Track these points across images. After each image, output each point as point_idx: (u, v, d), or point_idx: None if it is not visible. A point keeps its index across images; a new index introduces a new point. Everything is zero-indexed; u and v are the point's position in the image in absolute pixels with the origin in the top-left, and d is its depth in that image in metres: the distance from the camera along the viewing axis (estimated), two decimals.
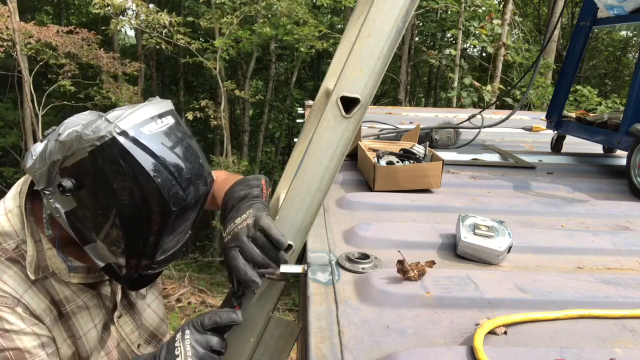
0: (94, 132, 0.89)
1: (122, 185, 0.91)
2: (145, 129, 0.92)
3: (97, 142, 0.88)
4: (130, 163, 0.90)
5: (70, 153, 0.90)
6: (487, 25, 8.62)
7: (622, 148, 2.06)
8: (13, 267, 1.03)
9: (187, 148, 0.98)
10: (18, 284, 1.02)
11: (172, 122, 0.98)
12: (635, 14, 2.10)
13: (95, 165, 0.90)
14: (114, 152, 0.89)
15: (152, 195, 0.92)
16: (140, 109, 0.94)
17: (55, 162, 0.92)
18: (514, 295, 1.01)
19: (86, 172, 0.91)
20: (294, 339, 1.19)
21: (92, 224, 0.96)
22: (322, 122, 1.08)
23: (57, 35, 9.12)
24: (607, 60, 16.52)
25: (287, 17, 9.57)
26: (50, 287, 1.07)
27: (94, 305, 1.16)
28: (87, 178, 0.91)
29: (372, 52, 1.04)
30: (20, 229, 1.05)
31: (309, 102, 4.22)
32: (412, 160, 1.92)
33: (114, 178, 0.90)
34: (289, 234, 1.15)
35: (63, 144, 0.91)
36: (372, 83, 1.06)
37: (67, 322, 1.11)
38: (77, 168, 0.91)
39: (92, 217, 0.95)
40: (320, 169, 1.10)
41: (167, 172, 0.92)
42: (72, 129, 0.92)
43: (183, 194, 0.95)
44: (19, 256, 1.04)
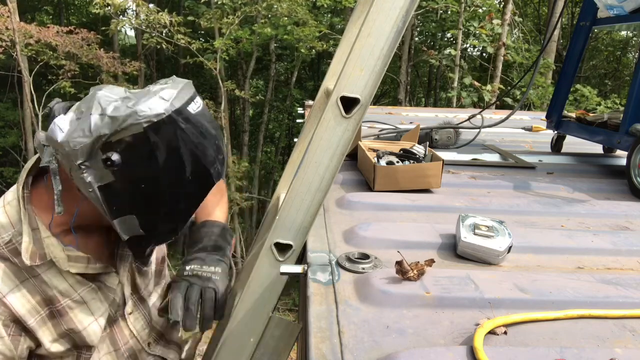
0: (150, 109, 0.92)
1: (172, 161, 0.95)
2: (191, 108, 0.97)
3: (155, 118, 0.92)
4: (184, 140, 0.95)
5: (121, 128, 0.91)
6: (487, 25, 8.62)
7: (622, 148, 2.06)
8: (1, 264, 1.00)
9: (216, 127, 1.05)
10: (4, 282, 1.00)
11: (202, 104, 1.03)
12: (635, 14, 2.10)
13: (149, 140, 0.93)
14: (170, 129, 0.93)
15: (199, 170, 0.99)
16: (182, 89, 0.98)
17: (102, 136, 0.92)
18: (514, 295, 1.01)
19: (137, 147, 0.93)
20: (294, 339, 1.19)
21: (129, 197, 0.98)
22: (322, 122, 1.08)
23: (57, 35, 9.12)
24: (607, 60, 16.52)
25: (287, 17, 9.57)
26: (42, 284, 1.04)
27: (92, 299, 1.12)
28: (137, 153, 0.94)
29: (372, 52, 1.04)
30: (17, 220, 1.03)
31: (309, 102, 4.22)
32: (412, 160, 1.92)
33: (166, 153, 0.94)
34: (289, 234, 1.15)
35: (114, 120, 0.91)
36: (372, 83, 1.06)
37: (64, 318, 1.07)
38: (127, 143, 0.93)
39: (131, 190, 0.97)
40: (320, 169, 1.10)
41: (211, 149, 1.00)
42: (116, 104, 0.93)
43: (220, 169, 1.04)
44: (10, 252, 1.01)
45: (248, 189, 12.61)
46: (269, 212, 1.48)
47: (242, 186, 11.02)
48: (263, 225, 1.56)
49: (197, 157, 0.97)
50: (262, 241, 1.22)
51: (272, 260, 1.16)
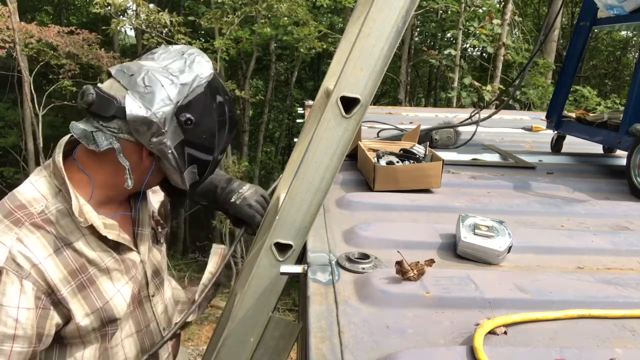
0: (204, 72, 1.11)
1: (221, 110, 1.15)
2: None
3: (209, 78, 1.11)
4: (225, 91, 1.17)
5: (191, 91, 1.08)
6: (487, 25, 8.62)
7: (622, 148, 2.06)
8: (36, 232, 1.03)
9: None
10: (39, 249, 1.02)
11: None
12: (635, 14, 2.10)
13: (207, 98, 1.11)
14: (218, 85, 1.14)
15: (233, 115, 1.21)
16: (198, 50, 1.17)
17: (177, 102, 1.06)
18: (514, 295, 1.01)
19: (202, 104, 1.10)
20: (294, 339, 1.20)
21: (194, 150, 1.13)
22: (322, 122, 1.08)
23: (58, 35, 9.12)
24: (607, 60, 16.51)
25: (287, 17, 9.57)
26: (74, 252, 1.07)
27: (115, 269, 1.16)
28: (201, 110, 1.10)
29: (372, 52, 1.04)
30: (48, 192, 1.08)
31: (309, 102, 4.22)
32: (412, 160, 1.92)
33: (218, 104, 1.14)
34: (289, 234, 1.15)
35: (184, 85, 1.07)
36: (372, 83, 1.06)
37: (92, 287, 1.10)
38: (196, 103, 1.09)
39: (197, 143, 1.13)
40: (320, 169, 1.10)
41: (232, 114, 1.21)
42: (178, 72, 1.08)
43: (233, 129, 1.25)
44: (43, 221, 1.04)
45: None
46: (269, 212, 1.48)
47: None
48: (263, 225, 1.56)
49: (231, 105, 1.19)
50: (262, 241, 1.23)
51: (272, 260, 1.16)
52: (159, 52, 1.16)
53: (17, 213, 1.03)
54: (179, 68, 1.09)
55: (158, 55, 1.14)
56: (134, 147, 1.09)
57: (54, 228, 1.05)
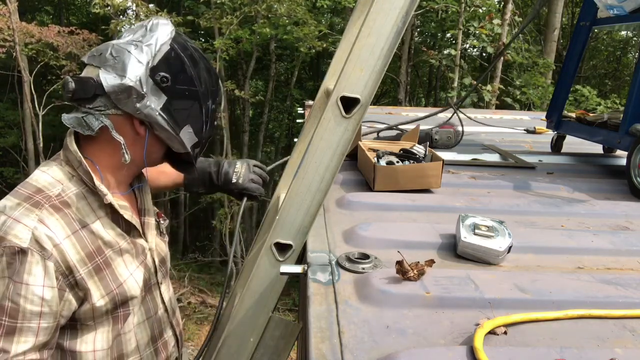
0: (165, 30, 1.13)
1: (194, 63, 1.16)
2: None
3: (171, 35, 1.13)
4: (191, 46, 1.18)
5: (157, 50, 1.10)
6: (487, 25, 8.61)
7: (622, 148, 2.06)
8: (55, 214, 1.05)
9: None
10: (59, 230, 1.04)
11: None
12: (635, 14, 2.10)
13: (176, 53, 1.13)
14: (182, 42, 1.15)
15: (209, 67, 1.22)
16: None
17: (148, 62, 1.09)
18: (514, 295, 1.01)
19: (171, 61, 1.12)
20: (294, 339, 1.20)
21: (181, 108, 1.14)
22: (322, 122, 1.08)
23: (58, 35, 9.12)
24: (607, 60, 16.50)
25: (287, 17, 9.57)
26: (91, 234, 1.10)
27: (127, 252, 1.19)
28: (174, 67, 1.12)
29: (372, 52, 1.04)
30: (63, 177, 1.11)
31: (309, 102, 4.22)
32: (412, 160, 1.92)
33: (188, 59, 1.14)
34: (289, 234, 1.15)
35: (149, 46, 1.10)
36: (372, 83, 1.06)
37: (108, 269, 1.12)
38: (165, 62, 1.11)
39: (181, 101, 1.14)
40: (320, 169, 1.10)
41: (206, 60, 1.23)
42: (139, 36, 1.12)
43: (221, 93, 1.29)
44: (61, 203, 1.07)
45: None
46: (269, 212, 1.48)
47: None
48: (263, 225, 1.57)
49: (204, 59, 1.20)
50: (262, 241, 1.23)
51: (272, 260, 1.16)
52: (124, 32, 1.20)
53: (36, 196, 1.06)
54: (141, 34, 1.12)
55: (123, 34, 1.19)
56: (124, 120, 1.12)
57: (71, 210, 1.08)
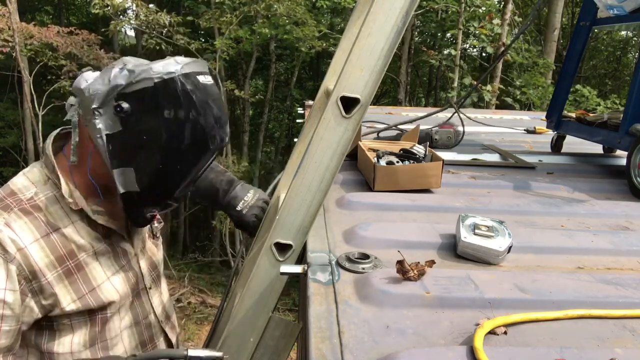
0: (163, 67, 1.03)
1: (173, 118, 1.04)
2: (200, 77, 1.08)
3: (165, 76, 1.02)
4: (186, 101, 1.04)
5: (135, 80, 1.01)
6: (487, 25, 8.62)
7: (622, 148, 2.06)
8: (24, 217, 1.05)
9: (223, 104, 1.14)
10: (26, 234, 1.04)
11: (212, 81, 1.13)
12: (635, 14, 2.10)
13: (156, 95, 1.02)
14: (177, 89, 1.03)
15: (196, 132, 1.06)
16: (197, 62, 1.10)
17: (117, 86, 1.02)
18: (514, 295, 1.01)
19: (145, 99, 1.03)
20: (294, 339, 1.20)
21: (131, 149, 1.06)
22: (322, 122, 1.08)
23: (58, 35, 9.12)
24: (607, 60, 16.49)
25: (287, 17, 9.57)
26: (63, 238, 1.09)
27: (105, 256, 1.17)
28: (145, 105, 1.03)
29: (372, 52, 1.04)
30: (38, 180, 1.11)
31: (309, 102, 4.22)
32: (412, 160, 1.92)
33: (170, 111, 1.03)
34: (289, 234, 1.15)
35: (131, 72, 1.02)
36: (372, 83, 1.06)
37: (80, 273, 1.11)
38: (138, 95, 1.02)
39: (134, 142, 1.05)
40: (320, 169, 1.10)
41: (212, 116, 1.08)
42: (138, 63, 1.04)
43: (218, 137, 1.11)
44: (32, 207, 1.07)
45: None
46: (269, 212, 1.48)
47: None
48: (263, 225, 1.56)
49: (198, 122, 1.05)
50: (262, 241, 1.23)
51: (272, 260, 1.16)
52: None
53: (7, 199, 1.07)
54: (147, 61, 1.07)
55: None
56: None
57: (43, 214, 1.08)
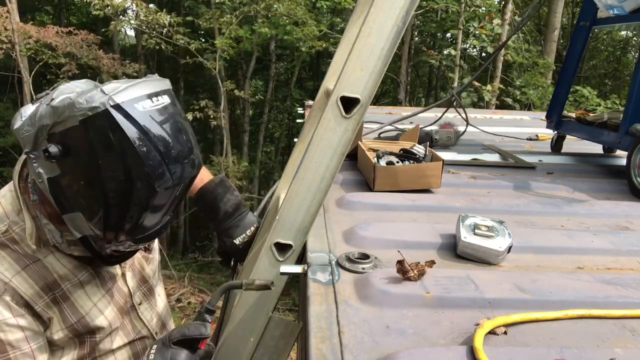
0: (87, 102, 0.88)
1: (109, 159, 0.90)
2: (139, 105, 0.92)
3: (90, 112, 0.87)
4: (120, 138, 0.89)
5: (61, 120, 0.89)
6: (487, 25, 8.62)
7: (622, 148, 2.06)
8: (2, 252, 1.02)
9: (179, 129, 0.98)
10: (6, 268, 1.01)
11: (168, 102, 0.98)
12: (635, 14, 2.10)
13: (85, 135, 0.88)
14: (105, 125, 0.88)
15: (138, 172, 0.91)
16: (138, 85, 0.94)
17: (44, 126, 0.90)
18: (514, 295, 1.01)
19: (74, 140, 0.90)
20: (294, 339, 1.19)
21: (73, 193, 0.94)
22: (322, 122, 1.08)
23: (56, 35, 9.12)
24: (607, 60, 16.50)
25: (287, 17, 9.57)
26: (43, 269, 1.05)
27: (90, 283, 1.14)
28: (75, 147, 0.90)
29: (373, 52, 1.04)
30: (11, 210, 1.05)
31: (309, 102, 4.22)
32: (412, 160, 1.92)
33: (102, 150, 0.89)
34: (289, 234, 1.15)
35: (54, 110, 0.89)
36: (372, 83, 1.06)
37: (66, 302, 1.09)
38: (66, 135, 0.89)
39: (74, 187, 0.93)
40: (320, 169, 1.10)
41: (155, 151, 0.92)
42: (65, 95, 0.90)
43: (169, 174, 0.95)
44: (8, 240, 1.03)
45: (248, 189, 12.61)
46: (269, 212, 1.48)
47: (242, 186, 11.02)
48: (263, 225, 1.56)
49: (137, 159, 0.90)
50: (262, 241, 1.23)
51: (272, 260, 1.16)
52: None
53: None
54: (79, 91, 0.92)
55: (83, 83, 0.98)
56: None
57: (19, 247, 1.04)
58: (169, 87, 1.02)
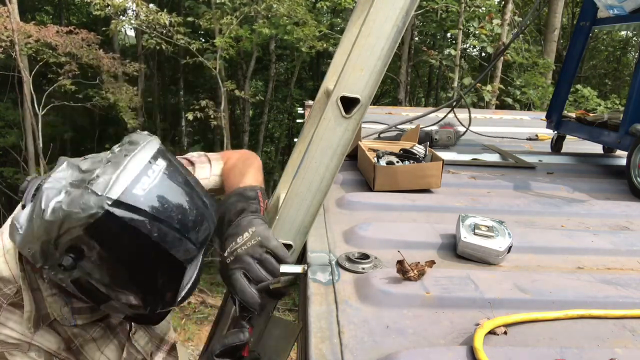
0: (83, 210, 0.81)
1: (127, 253, 0.86)
2: (138, 190, 0.84)
3: (90, 219, 0.81)
4: (131, 232, 0.83)
5: (63, 232, 0.83)
6: (487, 25, 8.62)
7: (622, 148, 2.06)
8: (17, 312, 1.00)
9: (187, 192, 0.92)
10: (28, 327, 1.01)
11: (164, 165, 0.90)
12: (635, 14, 2.10)
13: (95, 239, 0.83)
14: (111, 226, 0.82)
15: (160, 257, 0.87)
16: (128, 167, 0.85)
17: (47, 241, 0.84)
18: (514, 295, 1.01)
19: (85, 245, 0.84)
20: (294, 339, 1.19)
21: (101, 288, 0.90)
22: (322, 122, 1.08)
23: (57, 35, 9.13)
24: (607, 60, 16.50)
25: (287, 17, 9.57)
26: (58, 326, 1.07)
27: (101, 336, 1.15)
28: (88, 251, 0.85)
29: (373, 52, 1.04)
30: (18, 274, 1.00)
31: (309, 102, 4.22)
32: (412, 160, 1.92)
33: (117, 249, 0.85)
34: (289, 234, 1.15)
35: (51, 224, 0.82)
36: (372, 83, 1.06)
37: (78, 356, 1.11)
38: (74, 243, 0.84)
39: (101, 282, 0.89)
40: (320, 169, 1.10)
41: (171, 229, 0.86)
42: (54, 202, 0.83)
43: (191, 244, 0.90)
44: (21, 300, 1.01)
45: None
46: (269, 212, 1.48)
47: None
48: None
49: (155, 246, 0.85)
50: None
51: None
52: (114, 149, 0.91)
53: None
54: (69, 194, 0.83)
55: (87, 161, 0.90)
56: None
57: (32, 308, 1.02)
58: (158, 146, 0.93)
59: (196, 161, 1.32)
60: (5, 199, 12.21)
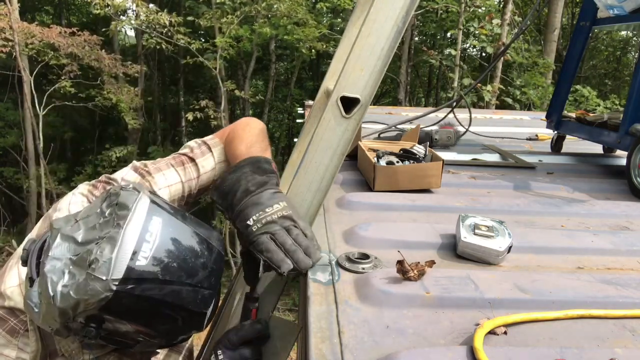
0: (92, 295, 0.81)
1: (147, 316, 0.87)
2: (141, 260, 0.83)
3: (102, 302, 0.81)
4: (147, 300, 0.84)
5: (77, 314, 0.83)
6: (487, 25, 8.62)
7: (622, 148, 2.06)
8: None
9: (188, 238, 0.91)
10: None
11: (159, 222, 0.88)
12: (635, 14, 2.10)
13: (111, 315, 0.85)
14: (125, 302, 0.83)
15: (178, 314, 0.89)
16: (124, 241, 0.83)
17: (66, 314, 0.84)
18: (514, 295, 1.01)
19: (103, 320, 0.86)
20: (294, 339, 1.19)
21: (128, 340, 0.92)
22: (322, 122, 1.08)
23: (59, 36, 9.14)
24: (607, 60, 16.50)
25: (287, 17, 9.58)
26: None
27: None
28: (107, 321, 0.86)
29: (373, 52, 1.04)
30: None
31: (309, 102, 4.22)
32: (412, 160, 1.92)
33: (137, 315, 0.86)
34: None
35: (63, 311, 0.82)
36: (372, 83, 1.06)
37: None
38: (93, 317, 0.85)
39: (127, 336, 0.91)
40: (320, 169, 1.10)
41: (185, 286, 0.87)
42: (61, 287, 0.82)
43: (205, 289, 0.91)
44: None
45: None
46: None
47: None
48: None
49: (173, 307, 0.87)
50: None
51: None
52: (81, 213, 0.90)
53: (10, 321, 0.97)
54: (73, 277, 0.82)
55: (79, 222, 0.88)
56: None
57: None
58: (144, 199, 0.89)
59: (197, 155, 1.30)
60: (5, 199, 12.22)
